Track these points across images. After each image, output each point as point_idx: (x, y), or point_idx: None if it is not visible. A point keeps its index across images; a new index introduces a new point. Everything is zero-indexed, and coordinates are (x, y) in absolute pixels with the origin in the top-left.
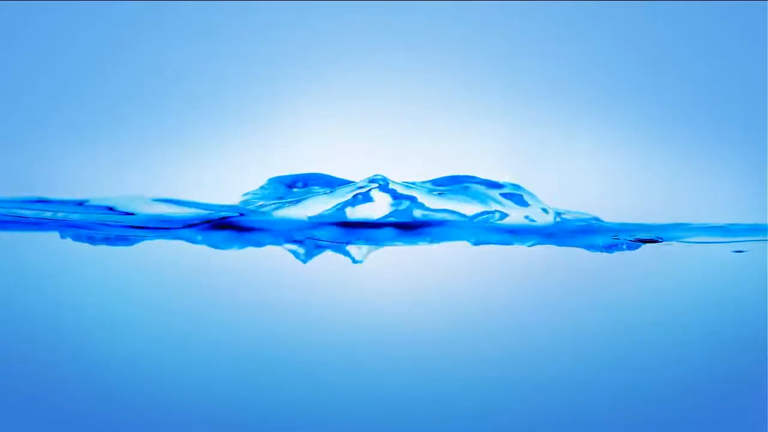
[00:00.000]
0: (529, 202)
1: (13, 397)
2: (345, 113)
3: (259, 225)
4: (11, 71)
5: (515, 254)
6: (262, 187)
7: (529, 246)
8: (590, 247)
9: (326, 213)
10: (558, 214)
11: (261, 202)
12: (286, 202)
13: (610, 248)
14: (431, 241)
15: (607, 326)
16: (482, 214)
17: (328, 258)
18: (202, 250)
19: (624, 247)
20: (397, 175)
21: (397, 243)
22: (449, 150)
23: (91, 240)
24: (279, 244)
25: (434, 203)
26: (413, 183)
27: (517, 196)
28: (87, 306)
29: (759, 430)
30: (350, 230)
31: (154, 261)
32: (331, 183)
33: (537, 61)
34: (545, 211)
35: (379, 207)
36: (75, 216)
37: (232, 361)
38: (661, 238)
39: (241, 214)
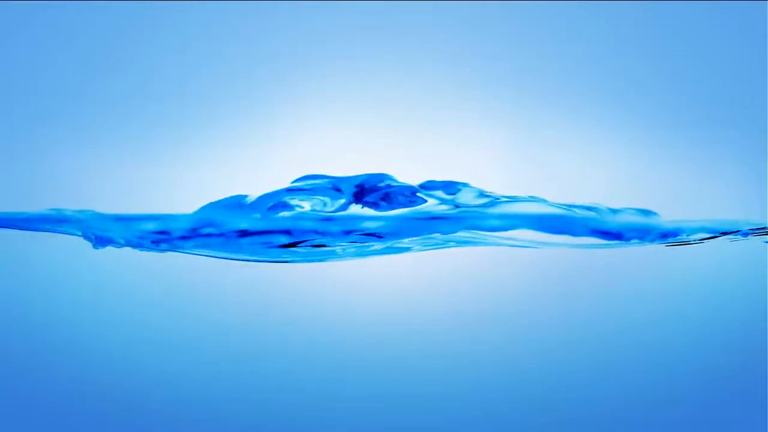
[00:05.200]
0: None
1: (14, 399)
2: (346, 114)
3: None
4: (11, 71)
5: (514, 255)
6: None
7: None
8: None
9: None
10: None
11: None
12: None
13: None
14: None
15: (606, 327)
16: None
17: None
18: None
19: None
20: (400, 174)
21: None
22: (450, 151)
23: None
24: None
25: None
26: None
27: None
28: (85, 305)
29: (759, 431)
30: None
31: (165, 265)
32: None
33: (536, 62)
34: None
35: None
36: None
37: (231, 363)
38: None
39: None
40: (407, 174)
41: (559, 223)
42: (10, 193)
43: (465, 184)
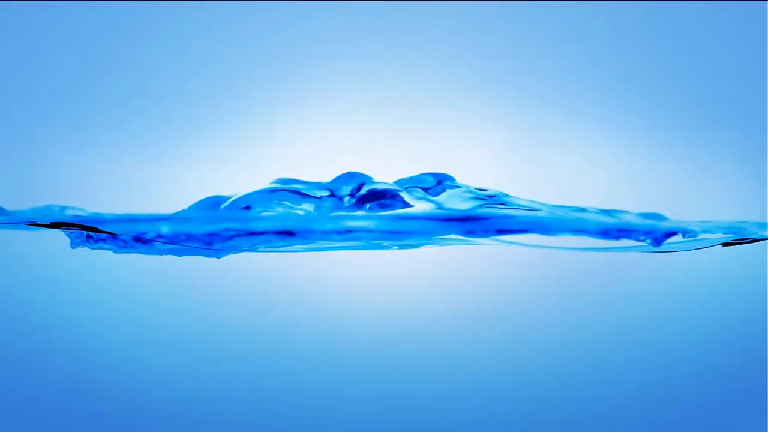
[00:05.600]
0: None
1: (14, 399)
2: (346, 114)
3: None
4: (11, 71)
5: (513, 255)
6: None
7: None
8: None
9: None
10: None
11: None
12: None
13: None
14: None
15: (606, 327)
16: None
17: (328, 259)
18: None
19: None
20: (400, 174)
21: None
22: (451, 150)
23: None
24: None
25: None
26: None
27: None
28: (85, 306)
29: (759, 431)
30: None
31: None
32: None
33: (536, 62)
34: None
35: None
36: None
37: (231, 363)
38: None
39: None
40: (406, 174)
41: (560, 224)
42: (10, 192)
43: (452, 179)
